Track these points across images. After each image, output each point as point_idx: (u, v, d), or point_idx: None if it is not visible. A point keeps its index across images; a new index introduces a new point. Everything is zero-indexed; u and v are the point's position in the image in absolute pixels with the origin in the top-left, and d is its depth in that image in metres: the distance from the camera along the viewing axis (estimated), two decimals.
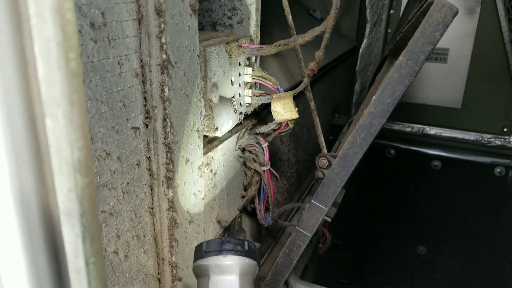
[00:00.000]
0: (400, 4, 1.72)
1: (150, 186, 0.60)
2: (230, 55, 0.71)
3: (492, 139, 1.62)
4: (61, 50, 0.22)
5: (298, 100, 1.21)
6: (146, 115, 0.56)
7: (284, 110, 0.74)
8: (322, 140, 0.88)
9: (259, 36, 0.81)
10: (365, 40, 1.70)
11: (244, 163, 0.85)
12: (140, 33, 0.52)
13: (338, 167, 0.57)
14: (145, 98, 0.55)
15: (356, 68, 1.75)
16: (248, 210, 0.90)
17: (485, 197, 1.66)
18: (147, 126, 0.57)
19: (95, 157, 0.48)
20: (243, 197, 0.86)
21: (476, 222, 1.72)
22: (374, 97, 0.52)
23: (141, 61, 0.53)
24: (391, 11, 1.73)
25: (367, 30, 1.67)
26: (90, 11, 0.44)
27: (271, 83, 0.77)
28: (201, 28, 0.83)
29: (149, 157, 0.59)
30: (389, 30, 1.75)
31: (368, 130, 0.54)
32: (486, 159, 1.64)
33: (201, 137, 0.67)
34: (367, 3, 1.66)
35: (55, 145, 0.24)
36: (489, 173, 1.63)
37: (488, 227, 1.69)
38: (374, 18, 1.66)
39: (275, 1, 0.86)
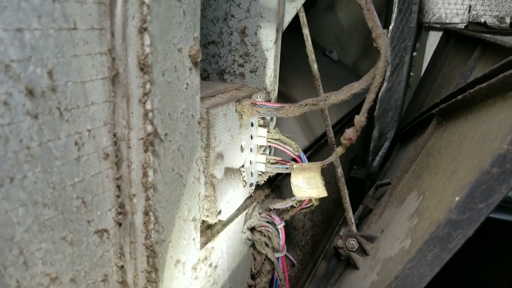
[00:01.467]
0: (424, 46, 1.58)
1: None
2: (241, 115, 0.55)
3: None
4: None
5: (317, 155, 1.04)
6: (120, 210, 0.39)
7: (308, 186, 0.57)
8: (351, 215, 0.71)
9: (276, 89, 0.65)
10: (385, 84, 1.55)
11: (253, 244, 0.67)
12: (114, 96, 0.36)
13: None
14: (118, 187, 0.38)
15: (375, 113, 1.59)
16: None
17: None
18: (120, 224, 0.40)
19: None
20: (250, 286, 0.68)
21: None
22: (457, 198, 0.35)
23: (114, 135, 0.37)
24: (414, 53, 1.59)
25: (388, 73, 1.52)
26: (26, 71, 0.28)
27: (291, 149, 0.60)
28: (206, 76, 0.67)
29: (122, 265, 0.41)
30: (411, 74, 1.60)
31: (444, 244, 0.37)
32: None
33: (198, 226, 0.49)
34: None
35: None
36: None
37: None
38: (396, 61, 1.52)
39: (286, 37, 0.71)
